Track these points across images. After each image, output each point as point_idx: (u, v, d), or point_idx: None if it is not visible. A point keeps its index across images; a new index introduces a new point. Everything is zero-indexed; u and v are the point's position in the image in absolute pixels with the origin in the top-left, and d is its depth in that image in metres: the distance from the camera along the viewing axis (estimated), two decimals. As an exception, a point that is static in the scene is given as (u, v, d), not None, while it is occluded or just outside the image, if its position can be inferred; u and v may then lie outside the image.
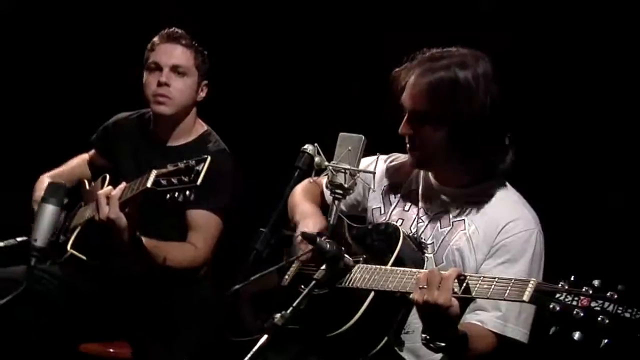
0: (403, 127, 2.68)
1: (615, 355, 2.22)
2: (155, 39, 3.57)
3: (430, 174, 2.79)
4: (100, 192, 3.14)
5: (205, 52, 3.59)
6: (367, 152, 2.70)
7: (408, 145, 2.71)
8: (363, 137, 2.65)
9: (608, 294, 2.11)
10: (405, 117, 2.67)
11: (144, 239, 3.22)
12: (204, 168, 2.88)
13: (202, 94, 3.60)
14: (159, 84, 3.48)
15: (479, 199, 2.71)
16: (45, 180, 3.65)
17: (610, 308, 2.10)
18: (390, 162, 2.91)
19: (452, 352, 2.42)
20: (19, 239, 3.31)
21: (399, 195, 2.85)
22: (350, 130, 2.69)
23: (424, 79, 2.61)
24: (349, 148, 2.63)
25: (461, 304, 2.37)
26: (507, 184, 2.75)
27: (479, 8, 3.76)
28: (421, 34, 3.47)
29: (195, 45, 3.56)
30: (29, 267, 2.92)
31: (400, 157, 2.91)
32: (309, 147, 2.62)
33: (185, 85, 3.51)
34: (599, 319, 2.09)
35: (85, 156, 3.85)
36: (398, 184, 2.87)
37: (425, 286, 2.34)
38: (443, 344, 2.37)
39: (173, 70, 3.49)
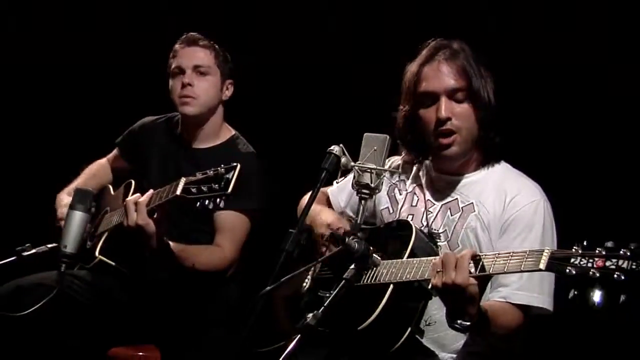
0: (444, 110, 2.70)
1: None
2: (176, 45, 3.61)
3: (432, 166, 2.84)
4: (129, 199, 3.16)
5: (226, 52, 3.63)
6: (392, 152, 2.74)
7: (445, 132, 2.72)
8: (388, 137, 2.67)
9: (621, 252, 2.16)
10: (443, 100, 2.71)
11: (171, 243, 3.25)
12: (234, 176, 2.89)
13: (228, 93, 3.63)
14: (183, 86, 3.52)
15: (483, 181, 2.78)
16: (64, 196, 3.67)
17: (625, 265, 2.14)
18: (393, 162, 2.95)
19: (477, 330, 2.46)
20: (49, 246, 3.34)
21: (404, 192, 2.90)
22: (374, 130, 2.70)
23: (454, 61, 2.72)
24: (374, 148, 2.65)
25: (480, 282, 2.41)
26: (505, 164, 2.83)
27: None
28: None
29: (215, 46, 3.61)
30: (59, 273, 2.98)
31: (397, 159, 2.96)
32: (335, 148, 2.64)
33: (208, 84, 3.55)
34: (615, 276, 2.14)
35: (103, 161, 3.87)
36: (402, 182, 2.92)
37: (441, 269, 2.39)
38: (467, 323, 2.41)
39: (195, 70, 3.54)
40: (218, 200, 2.92)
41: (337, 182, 3.04)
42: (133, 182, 3.60)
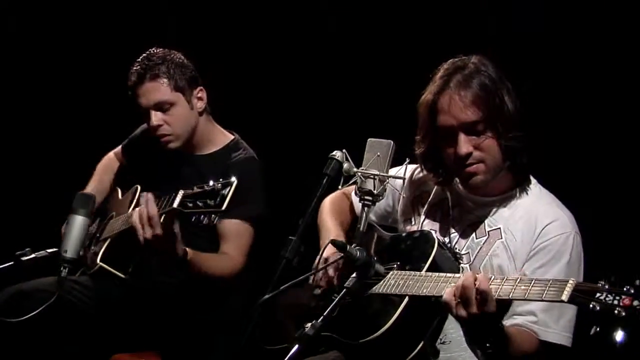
0: (464, 146, 2.56)
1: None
2: (129, 80, 3.45)
3: (460, 183, 2.72)
4: (135, 216, 3.09)
5: (177, 62, 3.44)
6: (396, 157, 2.67)
7: (468, 165, 2.59)
8: (392, 143, 2.61)
9: None
10: (461, 136, 2.56)
11: (188, 249, 3.19)
12: (229, 192, 2.87)
13: (201, 103, 3.49)
14: (154, 128, 3.43)
15: (513, 205, 2.66)
16: None
17: None
18: (418, 172, 2.84)
19: (496, 351, 2.38)
20: (49, 251, 3.33)
21: (427, 205, 2.80)
22: (378, 135, 2.65)
23: (467, 90, 2.56)
24: (378, 154, 2.59)
25: (499, 306, 2.32)
26: (538, 185, 2.70)
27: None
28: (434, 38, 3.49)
29: (163, 66, 3.42)
30: (59, 278, 2.96)
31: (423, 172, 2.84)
32: (337, 154, 2.59)
33: (176, 115, 3.42)
34: None
35: (111, 156, 3.83)
36: (426, 195, 2.82)
37: (460, 300, 2.29)
38: (487, 344, 2.35)
39: (157, 108, 3.41)
40: (212, 216, 2.89)
41: (340, 188, 2.98)
42: (139, 187, 3.57)
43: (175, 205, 2.96)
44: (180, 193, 2.98)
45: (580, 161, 3.58)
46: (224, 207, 2.87)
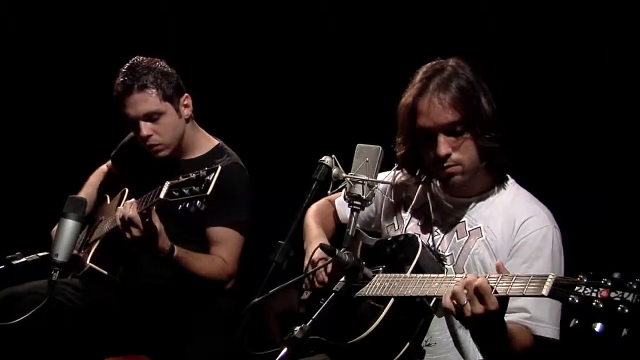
0: (443, 147, 2.60)
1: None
2: (115, 92, 3.45)
3: (439, 186, 2.77)
4: (118, 217, 3.13)
5: (162, 71, 3.44)
6: (385, 163, 2.70)
7: (446, 166, 2.63)
8: (380, 148, 2.65)
9: (627, 284, 2.10)
10: (440, 138, 2.61)
11: (175, 247, 3.24)
12: (214, 178, 2.90)
13: (187, 111, 3.50)
14: (143, 138, 3.44)
15: (492, 203, 2.71)
16: None
17: (630, 298, 2.08)
18: (400, 177, 2.88)
19: (501, 350, 2.41)
20: (40, 254, 3.34)
21: (410, 210, 2.84)
22: (367, 141, 2.68)
23: (446, 92, 2.60)
24: (367, 159, 2.63)
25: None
26: (515, 184, 2.75)
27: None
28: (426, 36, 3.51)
29: (152, 76, 3.41)
30: (50, 281, 2.97)
31: (401, 174, 2.88)
32: (326, 159, 2.62)
33: (165, 124, 3.43)
34: (619, 308, 2.08)
35: (104, 168, 3.87)
36: (408, 200, 2.86)
37: (465, 301, 2.30)
38: (491, 343, 2.38)
39: (147, 119, 3.42)
40: (199, 203, 2.91)
41: (330, 192, 3.00)
42: (127, 190, 3.60)
43: (162, 196, 2.99)
44: (167, 184, 3.01)
45: (555, 159, 3.64)
46: (209, 192, 2.89)
